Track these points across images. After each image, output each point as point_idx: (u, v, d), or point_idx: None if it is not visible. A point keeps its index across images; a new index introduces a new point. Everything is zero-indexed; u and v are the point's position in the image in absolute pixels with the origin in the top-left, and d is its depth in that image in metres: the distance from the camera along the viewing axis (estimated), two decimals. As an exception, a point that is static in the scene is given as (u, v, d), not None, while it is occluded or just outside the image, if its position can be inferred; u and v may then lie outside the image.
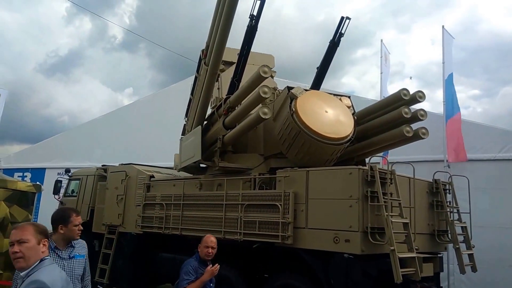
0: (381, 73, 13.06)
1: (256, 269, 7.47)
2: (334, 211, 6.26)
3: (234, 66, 9.87)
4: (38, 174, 18.46)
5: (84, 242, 4.48)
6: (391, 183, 6.43)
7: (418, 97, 7.48)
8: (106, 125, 18.59)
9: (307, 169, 6.75)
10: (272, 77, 10.36)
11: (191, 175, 9.21)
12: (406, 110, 7.23)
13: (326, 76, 9.57)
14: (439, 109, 11.68)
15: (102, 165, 11.82)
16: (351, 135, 7.26)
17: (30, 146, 21.05)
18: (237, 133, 7.58)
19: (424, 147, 11.85)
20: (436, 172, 7.70)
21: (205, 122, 8.84)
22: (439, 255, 7.73)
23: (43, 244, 3.02)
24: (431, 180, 7.58)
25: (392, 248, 5.71)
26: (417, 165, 7.30)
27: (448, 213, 7.39)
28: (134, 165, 10.38)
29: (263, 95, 6.73)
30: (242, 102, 7.47)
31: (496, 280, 10.97)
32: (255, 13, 8.20)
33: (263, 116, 6.76)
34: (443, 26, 12.26)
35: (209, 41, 8.27)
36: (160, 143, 15.26)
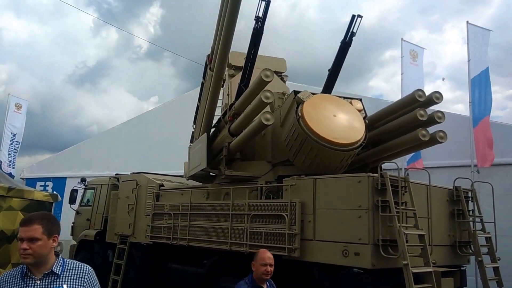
0: (402, 73, 12.51)
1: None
2: (343, 222, 5.83)
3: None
4: (59, 183, 18.55)
5: (88, 268, 2.93)
6: (405, 192, 5.97)
7: (435, 98, 6.99)
8: (125, 133, 18.57)
9: (315, 177, 6.35)
10: (284, 81, 10.03)
11: (200, 183, 8.91)
12: (422, 112, 6.75)
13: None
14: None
15: (116, 174, 11.65)
16: (362, 140, 6.82)
17: (51, 155, 21.22)
18: (242, 140, 7.24)
19: (458, 151, 11.29)
20: (456, 178, 7.15)
21: (213, 129, 8.55)
22: (461, 268, 7.18)
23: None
24: (451, 187, 7.04)
25: (405, 262, 5.25)
26: (450, 170, 6.77)
27: (471, 222, 6.83)
28: (145, 174, 10.17)
29: (265, 100, 6.38)
30: (247, 108, 7.12)
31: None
32: (260, 15, 7.86)
33: (265, 122, 6.40)
34: (467, 22, 11.71)
35: (214, 45, 7.98)
36: (179, 150, 15.06)
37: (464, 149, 11.32)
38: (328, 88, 9.17)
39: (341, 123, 6.80)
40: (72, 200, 12.46)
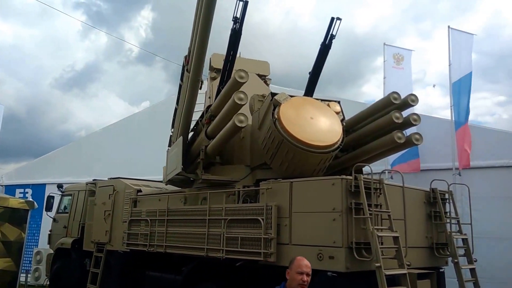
0: (384, 77, 12.49)
1: (239, 289, 6.97)
2: (318, 225, 5.77)
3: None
4: (38, 190, 18.14)
5: None
6: (380, 194, 5.92)
7: (410, 101, 6.97)
8: (108, 138, 18.28)
9: (291, 180, 6.28)
10: (267, 84, 9.98)
11: (179, 188, 8.78)
12: (397, 115, 6.73)
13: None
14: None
15: (93, 180, 11.46)
16: (339, 142, 6.78)
17: (30, 161, 20.85)
18: (218, 143, 7.16)
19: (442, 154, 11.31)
20: (433, 180, 7.14)
21: (192, 133, 8.45)
22: (440, 270, 7.16)
23: None
24: (428, 189, 7.03)
25: (378, 264, 5.19)
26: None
27: (447, 224, 6.81)
28: (122, 179, 10.00)
29: (239, 102, 6.31)
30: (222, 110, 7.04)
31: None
32: (238, 16, 7.81)
33: (239, 124, 6.33)
34: (449, 26, 11.70)
35: (191, 46, 7.87)
36: (164, 154, 14.87)
37: (448, 152, 11.36)
38: (309, 91, 9.16)
39: (318, 126, 6.75)
40: (48, 207, 12.24)
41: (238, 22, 7.85)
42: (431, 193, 6.96)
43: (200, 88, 7.90)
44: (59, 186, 12.58)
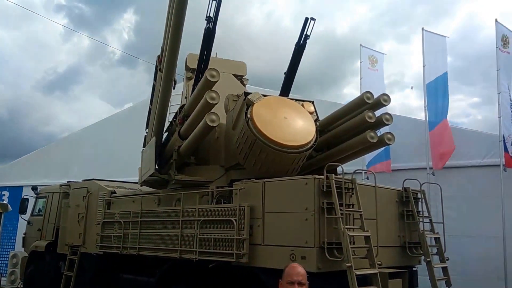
0: (361, 78, 12.57)
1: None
2: (291, 225, 5.73)
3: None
4: (16, 192, 17.86)
5: None
6: (353, 193, 5.92)
7: (383, 100, 6.99)
8: (86, 139, 18.07)
9: (264, 180, 6.24)
10: (244, 84, 9.94)
11: (154, 189, 8.68)
12: (370, 114, 6.73)
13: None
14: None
15: (68, 182, 11.27)
16: (312, 142, 6.76)
17: (8, 164, 20.46)
18: (191, 143, 7.09)
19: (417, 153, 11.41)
20: (405, 179, 7.17)
21: (166, 133, 8.37)
22: (413, 269, 7.19)
23: None
24: (400, 189, 7.05)
25: (348, 264, 5.18)
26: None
27: (419, 223, 6.83)
28: (97, 181, 9.86)
29: (211, 101, 6.25)
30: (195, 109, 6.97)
31: (485, 293, 10.41)
32: (211, 15, 7.74)
33: (211, 124, 6.27)
34: (422, 28, 11.85)
35: (164, 45, 7.78)
36: (140, 156, 14.70)
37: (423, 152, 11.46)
38: (285, 91, 9.14)
39: (291, 125, 6.73)
40: (22, 210, 12.02)
41: (212, 21, 7.78)
42: (403, 193, 6.98)
43: (174, 88, 7.82)
44: (34, 188, 12.35)
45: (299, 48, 8.76)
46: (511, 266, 10.01)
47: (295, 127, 6.72)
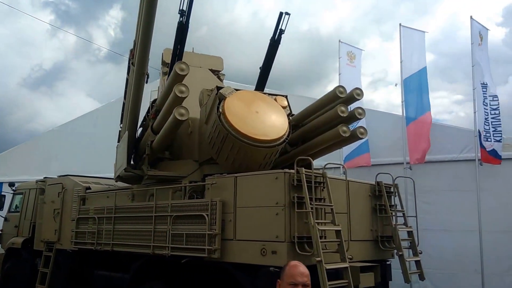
0: (340, 74, 12.58)
1: (185, 287, 6.85)
2: (262, 220, 5.71)
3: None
4: (-6, 189, 17.61)
5: None
6: (324, 188, 5.91)
7: (355, 94, 6.99)
8: (65, 135, 17.88)
9: (236, 175, 6.21)
10: (220, 79, 9.89)
11: (128, 185, 8.60)
12: (343, 108, 6.73)
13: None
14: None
15: (44, 177, 11.13)
16: (285, 137, 6.74)
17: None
18: (162, 138, 7.03)
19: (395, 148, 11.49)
20: (378, 173, 7.20)
21: (141, 128, 8.29)
22: (387, 263, 7.22)
23: None
24: (373, 183, 7.07)
25: (318, 259, 5.17)
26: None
27: (391, 217, 6.86)
28: (72, 177, 9.74)
29: (180, 95, 6.20)
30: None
31: (462, 286, 10.51)
32: (184, 8, 7.66)
33: (179, 118, 6.21)
34: (400, 24, 11.90)
35: (136, 39, 7.68)
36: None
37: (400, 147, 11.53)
38: (260, 85, 9.12)
39: (263, 120, 6.69)
40: (-1, 206, 11.85)
41: (185, 15, 7.71)
42: (376, 187, 7.00)
43: (146, 82, 7.73)
44: (11, 184, 12.18)
45: (274, 43, 8.74)
46: (487, 259, 10.14)
47: (267, 121, 6.69)
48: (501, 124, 10.65)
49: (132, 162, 8.03)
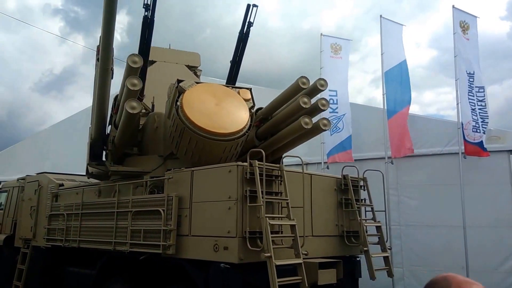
0: (321, 68, 12.31)
1: (146, 284, 6.71)
2: (215, 215, 5.56)
3: (155, 65, 9.27)
4: (-12, 188, 17.63)
5: None
6: (281, 181, 5.73)
7: (319, 85, 6.77)
8: (55, 135, 17.86)
9: (192, 169, 6.05)
10: (197, 75, 9.76)
11: (97, 181, 8.48)
12: (305, 99, 6.52)
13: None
14: (428, 110, 11.14)
15: (27, 175, 11.05)
16: (245, 130, 6.56)
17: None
18: (120, 133, 6.89)
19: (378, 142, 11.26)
20: (344, 166, 6.99)
21: (110, 126, 8.16)
22: (357, 259, 7.02)
23: None
24: (339, 176, 6.87)
25: (267, 255, 4.98)
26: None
27: (357, 211, 6.64)
28: (48, 174, 9.67)
29: (132, 88, 6.04)
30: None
31: (448, 283, 10.23)
32: (149, 3, 7.50)
33: (130, 111, 6.06)
34: (381, 16, 11.67)
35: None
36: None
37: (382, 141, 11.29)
38: (231, 79, 8.96)
39: (222, 113, 6.52)
40: (-16, 205, 11.80)
41: (149, 9, 7.54)
42: (342, 180, 6.79)
43: (112, 78, 7.58)
44: (-5, 182, 12.16)
45: (243, 36, 8.55)
46: (474, 256, 9.87)
47: (226, 114, 6.51)
48: (488, 116, 10.36)
49: (104, 159, 7.91)
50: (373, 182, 7.61)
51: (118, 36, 57.47)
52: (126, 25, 57.20)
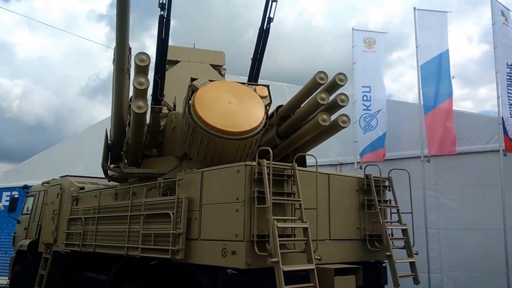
0: (354, 63, 11.87)
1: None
2: (224, 217, 5.24)
3: (178, 65, 9.12)
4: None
5: None
6: (295, 181, 5.35)
7: (338, 80, 6.35)
8: (88, 138, 18.04)
9: (202, 169, 5.76)
10: (222, 74, 9.53)
11: (114, 184, 8.34)
12: (323, 95, 6.12)
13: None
14: (483, 107, 10.55)
15: (52, 179, 11.08)
16: (260, 127, 6.22)
17: (17, 165, 20.76)
18: (132, 134, 6.69)
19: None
20: (367, 165, 6.54)
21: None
22: (383, 265, 6.54)
23: None
24: (362, 176, 6.41)
25: (274, 260, 4.62)
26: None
27: (379, 213, 6.16)
28: (70, 177, 9.61)
29: (138, 87, 5.82)
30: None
31: (489, 290, 9.57)
32: (164, 1, 7.27)
33: (137, 110, 5.85)
34: (414, 8, 11.11)
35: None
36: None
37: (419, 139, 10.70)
38: (253, 77, 8.66)
39: (236, 110, 6.20)
40: (11, 209, 11.92)
41: (165, 8, 7.31)
42: (364, 180, 6.33)
43: (129, 78, 7.42)
44: (25, 187, 12.29)
45: (264, 32, 8.23)
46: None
47: (240, 112, 6.19)
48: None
49: (125, 161, 7.76)
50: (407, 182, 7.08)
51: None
52: (170, 29, 58.29)
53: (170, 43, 7.64)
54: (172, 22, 7.24)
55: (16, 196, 12.33)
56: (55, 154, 18.95)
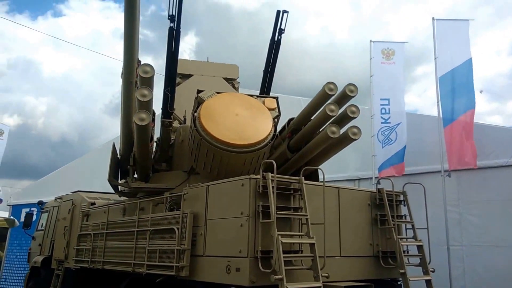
0: (372, 75, 11.59)
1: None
2: (228, 233, 5.06)
3: (191, 78, 9.06)
4: (43, 208, 18.11)
5: None
6: (302, 196, 5.14)
7: (348, 91, 6.16)
8: (105, 154, 18.04)
9: (207, 184, 5.60)
10: (235, 88, 9.41)
11: (122, 199, 8.23)
12: (332, 107, 5.93)
13: None
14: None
15: (65, 195, 11.05)
16: (268, 140, 6.05)
17: (36, 181, 20.89)
18: (138, 148, 6.57)
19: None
20: (379, 179, 6.27)
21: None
22: (398, 283, 6.23)
23: None
24: (374, 190, 6.16)
25: (277, 277, 4.41)
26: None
27: (393, 229, 5.88)
28: (81, 193, 9.56)
29: (142, 99, 5.71)
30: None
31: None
32: (174, 13, 7.21)
33: (139, 123, 5.73)
34: (433, 18, 10.83)
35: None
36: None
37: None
38: (264, 89, 8.51)
39: (242, 123, 6.05)
40: (26, 225, 11.90)
41: (175, 20, 7.26)
42: (377, 194, 6.07)
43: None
44: (40, 203, 12.27)
45: (275, 44, 8.10)
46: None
47: (247, 124, 6.03)
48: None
49: (135, 175, 7.66)
50: (428, 197, 6.79)
51: (187, 57, 59.31)
52: (194, 46, 58.75)
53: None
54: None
55: (31, 212, 12.28)
56: (73, 170, 19.04)
